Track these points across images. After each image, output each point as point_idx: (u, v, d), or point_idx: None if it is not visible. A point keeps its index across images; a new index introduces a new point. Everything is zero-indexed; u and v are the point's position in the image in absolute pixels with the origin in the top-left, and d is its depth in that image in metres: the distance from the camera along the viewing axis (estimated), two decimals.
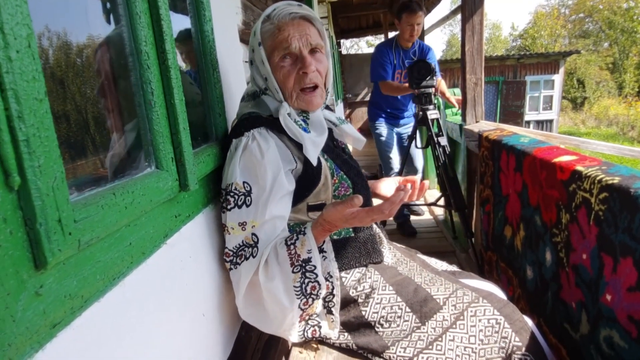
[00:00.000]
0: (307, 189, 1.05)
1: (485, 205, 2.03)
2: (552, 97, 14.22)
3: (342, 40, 12.75)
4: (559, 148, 1.41)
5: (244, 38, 1.64)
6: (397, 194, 0.85)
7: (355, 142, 1.22)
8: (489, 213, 1.98)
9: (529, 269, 1.51)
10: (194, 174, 0.86)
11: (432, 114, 2.61)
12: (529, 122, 13.94)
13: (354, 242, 1.12)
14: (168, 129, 0.80)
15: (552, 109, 14.34)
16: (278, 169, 0.97)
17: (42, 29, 0.59)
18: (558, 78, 14.07)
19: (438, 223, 3.52)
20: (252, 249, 0.94)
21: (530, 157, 1.46)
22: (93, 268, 0.56)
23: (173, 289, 0.79)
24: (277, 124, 1.02)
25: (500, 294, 1.19)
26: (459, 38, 2.61)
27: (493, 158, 1.88)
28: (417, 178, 1.14)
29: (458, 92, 3.24)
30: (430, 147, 2.67)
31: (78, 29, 0.69)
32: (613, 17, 25.42)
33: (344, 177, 1.09)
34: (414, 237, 3.26)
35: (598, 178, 1.04)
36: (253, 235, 0.95)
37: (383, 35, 8.82)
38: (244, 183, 0.96)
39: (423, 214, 3.74)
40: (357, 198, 0.83)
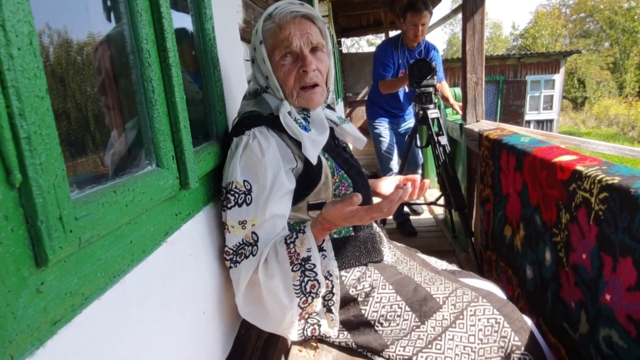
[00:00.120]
0: (307, 188, 1.05)
1: (485, 205, 2.04)
2: (552, 96, 14.22)
3: (342, 39, 12.75)
4: (559, 148, 1.41)
5: (245, 36, 1.63)
6: (396, 193, 0.85)
7: (356, 141, 1.22)
8: (489, 212, 1.98)
9: (529, 269, 1.51)
10: (195, 172, 0.86)
11: (432, 113, 2.61)
12: (530, 121, 13.94)
13: (354, 241, 1.12)
14: (169, 127, 0.80)
15: (552, 109, 14.33)
16: (278, 168, 0.97)
17: (43, 27, 0.59)
18: (559, 78, 14.07)
19: (438, 222, 3.52)
20: (252, 248, 0.95)
21: (531, 156, 1.46)
22: (94, 266, 0.56)
23: (173, 287, 0.80)
24: (278, 123, 1.02)
25: (500, 294, 1.19)
26: (460, 37, 2.61)
27: (493, 157, 1.88)
28: (417, 177, 1.14)
29: (458, 91, 3.23)
30: (431, 146, 2.67)
31: (79, 27, 0.69)
32: (614, 16, 25.38)
33: (345, 176, 1.09)
34: (414, 236, 3.26)
35: (598, 178, 1.04)
36: (253, 234, 0.95)
37: (384, 34, 8.81)
38: (245, 182, 0.96)
39: (422, 213, 3.74)
40: (356, 196, 0.83)
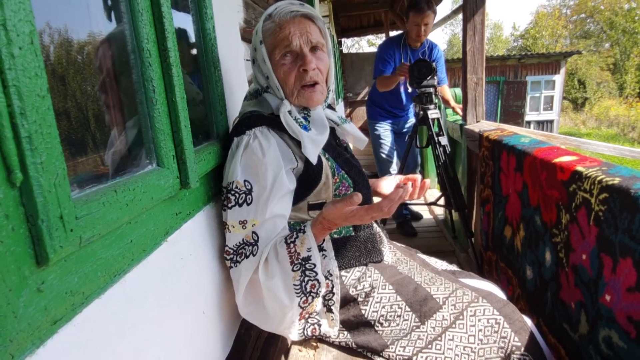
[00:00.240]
0: (308, 188, 1.05)
1: (485, 205, 2.04)
2: (552, 97, 14.21)
3: (343, 39, 12.75)
4: (560, 148, 1.41)
5: (246, 36, 1.64)
6: (396, 192, 0.85)
7: (357, 141, 1.22)
8: (489, 213, 1.98)
9: (529, 269, 1.51)
10: (195, 172, 0.86)
11: (432, 114, 2.61)
12: (530, 122, 13.93)
13: (354, 241, 1.12)
14: (169, 127, 0.80)
15: (552, 110, 14.33)
16: (279, 168, 0.98)
17: (44, 26, 0.59)
18: (559, 78, 14.06)
19: (438, 223, 3.52)
20: (252, 248, 0.95)
21: (531, 157, 1.46)
22: (94, 265, 0.57)
23: (173, 287, 0.80)
24: (278, 123, 1.02)
25: (500, 294, 1.19)
26: (460, 38, 2.60)
27: (493, 158, 1.88)
28: (418, 176, 1.14)
29: (459, 91, 3.23)
30: (431, 146, 2.67)
31: (80, 26, 0.69)
32: (614, 17, 25.37)
33: (345, 176, 1.09)
34: (414, 236, 3.25)
35: (598, 179, 1.04)
36: (253, 234, 0.95)
37: (384, 35, 8.81)
38: (245, 181, 0.96)
39: (422, 218, 3.65)
40: (356, 196, 0.83)
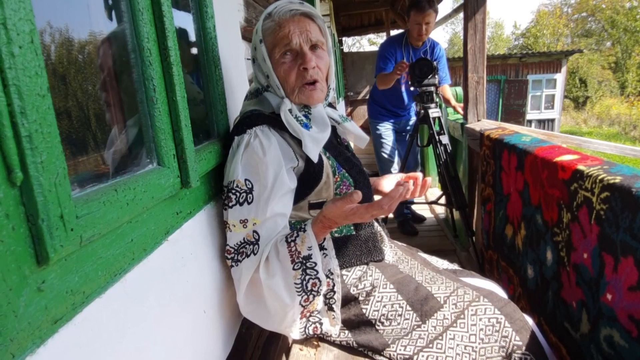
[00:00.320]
0: (308, 187, 1.05)
1: (487, 204, 2.03)
2: (554, 96, 14.19)
3: (344, 38, 12.74)
4: (561, 147, 1.41)
5: (246, 35, 1.63)
6: (396, 190, 0.85)
7: (358, 140, 1.22)
8: (490, 212, 1.98)
9: (530, 268, 1.51)
10: (196, 171, 0.86)
11: (433, 113, 2.61)
12: (531, 121, 13.91)
13: (355, 240, 1.12)
14: (170, 126, 0.80)
15: (554, 108, 14.31)
16: (280, 167, 0.97)
17: (44, 25, 0.59)
18: (560, 77, 14.04)
19: (439, 221, 3.52)
20: (253, 247, 0.95)
21: (532, 156, 1.46)
22: (95, 264, 0.56)
23: (174, 286, 0.80)
24: (279, 121, 1.02)
25: (501, 293, 1.19)
26: (461, 36, 2.60)
27: (494, 157, 1.87)
28: (419, 174, 1.14)
29: (460, 90, 3.23)
30: (432, 145, 2.66)
31: (80, 25, 0.69)
32: (616, 16, 25.31)
33: (346, 175, 1.09)
34: (415, 235, 3.25)
35: (599, 177, 1.04)
36: (254, 233, 0.95)
37: (385, 33, 8.80)
38: (246, 180, 0.96)
39: (425, 220, 3.57)
40: (356, 194, 0.83)
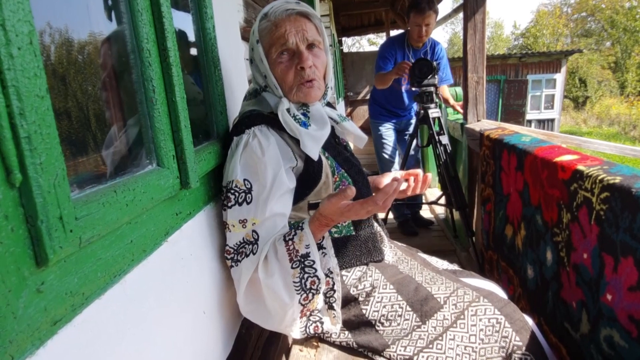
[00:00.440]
0: (308, 187, 1.05)
1: (486, 204, 2.03)
2: (553, 96, 14.19)
3: (343, 38, 12.74)
4: (561, 147, 1.41)
5: (246, 35, 1.63)
6: (390, 185, 0.85)
7: (357, 139, 1.22)
8: (490, 212, 1.98)
9: (530, 268, 1.51)
10: (195, 172, 0.86)
11: (433, 113, 2.61)
12: (531, 121, 13.91)
13: (355, 240, 1.12)
14: (169, 127, 0.80)
15: (553, 108, 14.31)
16: (278, 167, 0.97)
17: (43, 26, 0.59)
18: (560, 77, 14.04)
19: (439, 222, 3.51)
20: (252, 246, 0.95)
21: (532, 156, 1.46)
22: (94, 265, 0.56)
23: (174, 287, 0.80)
24: (278, 121, 1.02)
25: (501, 293, 1.19)
26: (461, 36, 2.60)
27: (494, 157, 1.87)
28: (419, 171, 1.14)
29: (459, 90, 3.22)
30: (432, 145, 2.66)
31: (79, 26, 0.69)
32: (615, 16, 25.31)
33: (345, 175, 1.09)
34: (415, 236, 3.25)
35: (599, 177, 1.03)
36: (253, 233, 0.95)
37: (385, 34, 8.81)
38: (245, 180, 0.96)
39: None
40: (349, 189, 0.83)
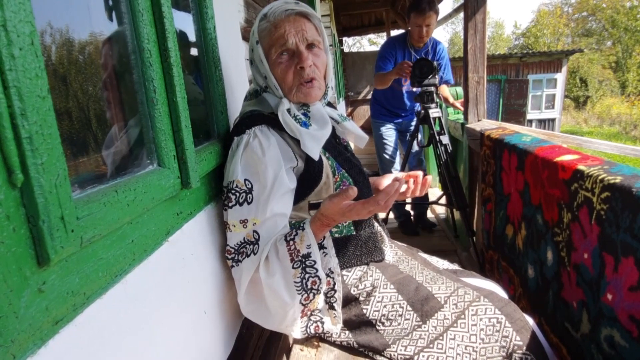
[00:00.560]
0: (308, 187, 1.05)
1: (487, 204, 2.03)
2: (554, 95, 14.18)
3: (344, 38, 12.74)
4: (561, 147, 1.41)
5: (246, 36, 1.63)
6: (392, 185, 0.85)
7: (358, 139, 1.22)
8: (491, 212, 1.98)
9: (530, 268, 1.51)
10: (196, 172, 0.86)
11: (434, 113, 2.61)
12: (531, 120, 13.89)
13: (356, 240, 1.12)
14: (170, 127, 0.80)
15: (554, 108, 14.30)
16: (279, 167, 0.98)
17: (44, 26, 0.59)
18: (561, 77, 14.02)
19: (439, 222, 3.51)
20: (253, 246, 0.95)
21: (532, 156, 1.46)
22: (95, 265, 0.57)
23: (175, 287, 0.80)
24: (278, 122, 1.02)
25: (502, 293, 1.19)
26: (462, 36, 2.59)
27: (495, 157, 1.87)
28: (419, 173, 1.14)
29: (460, 90, 3.22)
30: (432, 145, 2.66)
31: (80, 26, 0.69)
32: (616, 15, 25.29)
33: (346, 175, 1.09)
34: (416, 236, 3.25)
35: (600, 177, 1.03)
36: (254, 233, 0.95)
37: (385, 33, 8.81)
38: (245, 180, 0.96)
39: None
40: (351, 189, 0.83)
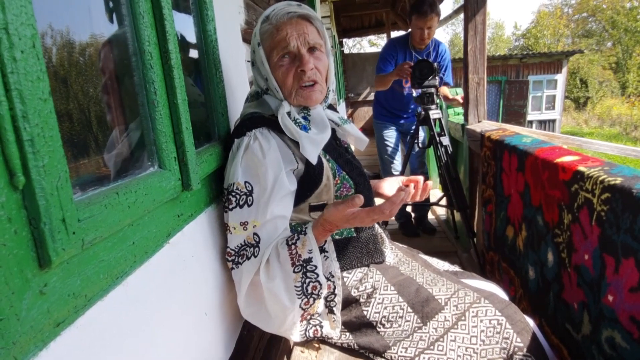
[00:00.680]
0: (309, 190, 1.05)
1: (487, 206, 2.03)
2: (554, 96, 14.18)
3: (344, 40, 12.76)
4: (561, 148, 1.41)
5: (247, 37, 1.64)
6: (397, 194, 0.85)
7: (358, 142, 1.22)
8: (491, 213, 1.98)
9: (531, 270, 1.50)
10: (197, 174, 0.86)
11: (434, 114, 2.61)
12: (532, 122, 13.89)
13: (356, 242, 1.12)
14: (171, 129, 0.80)
15: (554, 109, 14.30)
16: (279, 169, 0.98)
17: (45, 29, 0.59)
18: (561, 78, 14.02)
19: (440, 223, 3.51)
20: (253, 249, 0.95)
21: (533, 157, 1.46)
22: (96, 267, 0.57)
23: (175, 288, 0.80)
24: (279, 124, 1.02)
25: (502, 295, 1.19)
26: (462, 37, 2.59)
27: (495, 158, 1.87)
28: (420, 178, 1.14)
29: (460, 91, 3.22)
30: (433, 147, 2.66)
31: (81, 29, 0.69)
32: (616, 16, 25.30)
33: (346, 177, 1.09)
34: (416, 237, 3.25)
35: (600, 178, 1.03)
36: (255, 235, 0.95)
37: (385, 35, 8.82)
38: (246, 183, 0.97)
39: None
40: (357, 198, 0.83)
